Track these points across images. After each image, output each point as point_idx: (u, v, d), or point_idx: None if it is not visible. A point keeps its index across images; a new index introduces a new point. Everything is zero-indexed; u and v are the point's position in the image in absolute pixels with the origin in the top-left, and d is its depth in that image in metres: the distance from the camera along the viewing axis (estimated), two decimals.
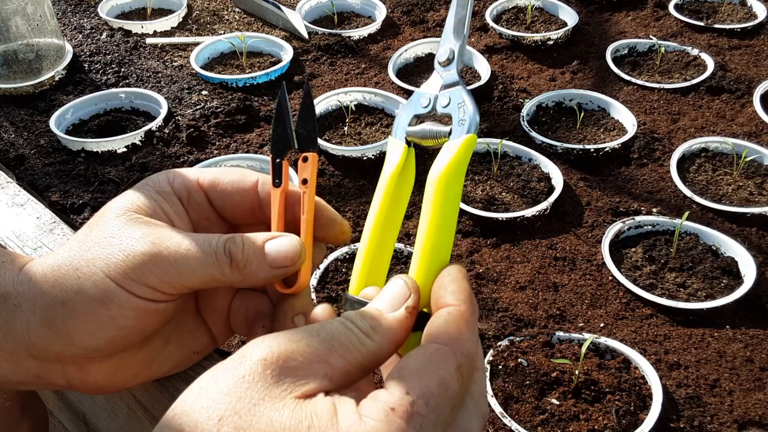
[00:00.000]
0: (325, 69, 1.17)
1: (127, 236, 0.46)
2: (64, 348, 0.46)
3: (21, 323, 0.46)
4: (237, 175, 0.50)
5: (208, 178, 0.50)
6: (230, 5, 1.38)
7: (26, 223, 0.83)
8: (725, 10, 1.27)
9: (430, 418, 0.38)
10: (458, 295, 0.43)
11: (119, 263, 0.45)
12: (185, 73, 1.16)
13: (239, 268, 0.47)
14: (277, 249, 0.48)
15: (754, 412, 0.65)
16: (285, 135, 0.51)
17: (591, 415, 0.63)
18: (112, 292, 0.45)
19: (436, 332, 0.42)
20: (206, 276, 0.46)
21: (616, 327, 0.74)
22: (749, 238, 0.84)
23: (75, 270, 0.46)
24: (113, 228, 0.47)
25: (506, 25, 1.26)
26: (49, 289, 0.46)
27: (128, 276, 0.45)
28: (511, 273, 0.80)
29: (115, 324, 0.45)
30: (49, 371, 0.48)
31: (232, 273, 0.47)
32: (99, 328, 0.45)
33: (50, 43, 1.11)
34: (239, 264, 0.47)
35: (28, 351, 0.46)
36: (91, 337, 0.45)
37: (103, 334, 0.45)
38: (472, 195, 0.89)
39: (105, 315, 0.44)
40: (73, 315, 0.45)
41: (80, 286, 0.45)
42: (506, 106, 1.08)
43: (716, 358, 0.70)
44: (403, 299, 0.43)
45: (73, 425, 1.03)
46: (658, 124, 1.03)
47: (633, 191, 0.92)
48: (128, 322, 0.45)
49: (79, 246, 0.47)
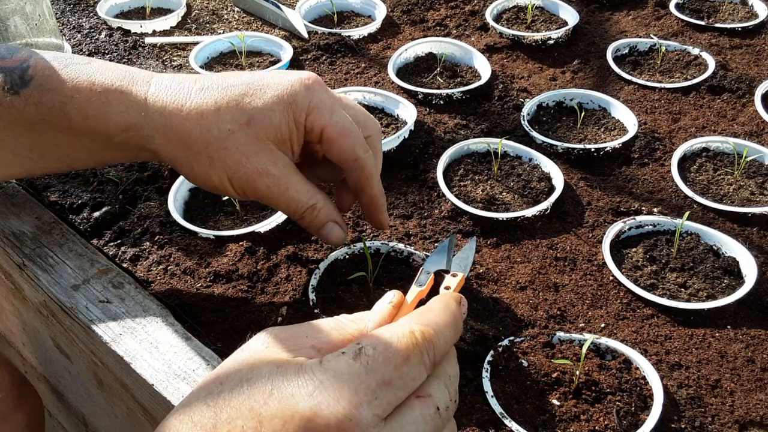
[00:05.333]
0: (324, 68, 1.17)
1: (258, 160, 0.66)
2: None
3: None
4: (351, 141, 0.68)
5: (330, 134, 0.67)
6: (229, 4, 1.38)
7: (25, 223, 0.82)
8: (726, 10, 1.27)
9: (378, 359, 0.46)
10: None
11: (242, 176, 0.66)
12: (185, 72, 1.15)
13: (302, 223, 0.71)
14: (327, 233, 0.71)
15: (755, 413, 0.65)
16: (441, 259, 0.67)
17: (592, 415, 0.63)
18: (225, 188, 0.68)
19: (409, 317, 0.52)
20: (286, 211, 0.70)
21: (617, 327, 0.73)
22: (750, 238, 0.84)
23: (209, 156, 0.66)
24: (251, 147, 0.66)
25: (506, 24, 1.26)
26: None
27: (242, 186, 0.67)
28: (511, 273, 0.79)
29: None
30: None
31: (296, 219, 0.71)
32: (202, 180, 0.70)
33: (49, 43, 1.11)
34: (303, 223, 0.71)
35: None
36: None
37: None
38: (473, 195, 0.89)
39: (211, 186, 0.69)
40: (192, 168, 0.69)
41: (209, 169, 0.67)
42: (506, 105, 1.08)
43: (717, 358, 0.70)
44: (388, 301, 0.56)
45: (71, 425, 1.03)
46: (658, 124, 1.03)
47: (634, 191, 0.92)
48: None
49: (223, 144, 0.66)
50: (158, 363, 0.67)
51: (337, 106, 0.68)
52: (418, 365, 0.47)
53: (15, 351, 1.06)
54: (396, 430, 0.45)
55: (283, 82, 0.67)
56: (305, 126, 0.67)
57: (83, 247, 0.80)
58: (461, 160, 0.95)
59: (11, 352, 1.08)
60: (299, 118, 0.66)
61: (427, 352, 0.48)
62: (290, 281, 0.77)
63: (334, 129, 0.67)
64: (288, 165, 0.68)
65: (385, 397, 0.45)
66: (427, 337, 0.48)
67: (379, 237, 0.83)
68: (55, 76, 0.68)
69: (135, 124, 0.67)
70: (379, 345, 0.47)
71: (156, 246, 0.82)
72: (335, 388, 0.44)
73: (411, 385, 0.47)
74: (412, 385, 0.47)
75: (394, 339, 0.47)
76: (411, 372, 0.47)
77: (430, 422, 0.47)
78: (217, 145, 0.65)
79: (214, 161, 0.66)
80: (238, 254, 0.80)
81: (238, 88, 0.67)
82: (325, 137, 0.67)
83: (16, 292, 0.85)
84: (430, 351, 0.48)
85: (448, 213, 0.87)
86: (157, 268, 0.79)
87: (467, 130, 1.02)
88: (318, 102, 0.66)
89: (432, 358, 0.48)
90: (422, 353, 0.48)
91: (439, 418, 0.47)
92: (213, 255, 0.80)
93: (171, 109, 0.67)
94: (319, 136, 0.68)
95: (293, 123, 0.66)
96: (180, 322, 0.72)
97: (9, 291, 0.87)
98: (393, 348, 0.47)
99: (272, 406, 0.44)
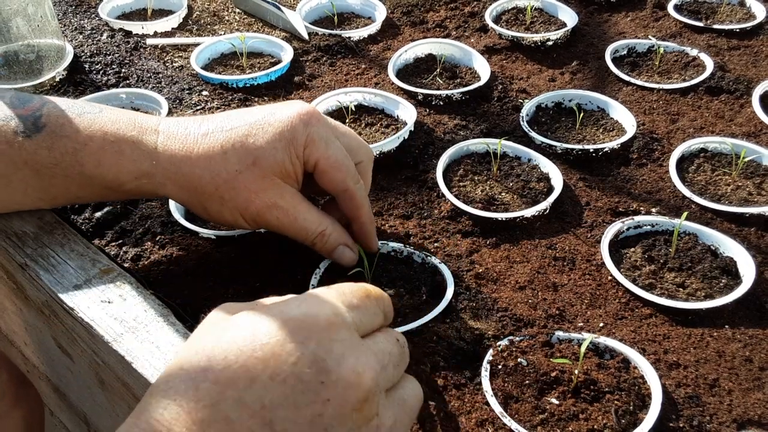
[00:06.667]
0: (325, 69, 1.18)
1: (267, 195, 0.71)
2: None
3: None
4: (341, 174, 0.72)
5: (323, 166, 0.72)
6: (230, 6, 1.38)
7: (27, 223, 0.83)
8: (724, 11, 1.28)
9: (345, 290, 0.55)
10: None
11: (253, 211, 0.71)
12: (185, 73, 1.16)
13: (314, 249, 0.75)
14: (339, 257, 0.76)
15: (753, 412, 0.65)
16: None
17: (590, 414, 0.63)
18: (239, 224, 0.74)
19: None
20: (297, 238, 0.74)
21: (616, 327, 0.74)
22: (748, 238, 0.84)
23: (220, 197, 0.71)
24: (259, 185, 0.71)
25: (506, 25, 1.26)
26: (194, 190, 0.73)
27: (254, 220, 0.72)
28: (510, 273, 0.80)
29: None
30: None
31: (308, 245, 0.75)
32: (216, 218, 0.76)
33: (51, 44, 1.11)
34: (315, 248, 0.75)
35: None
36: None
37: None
38: (472, 195, 0.89)
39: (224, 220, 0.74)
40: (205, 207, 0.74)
41: (221, 208, 0.72)
42: (506, 106, 1.08)
43: (715, 357, 0.71)
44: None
45: (73, 425, 1.04)
46: (657, 125, 1.03)
47: (632, 191, 0.92)
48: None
49: (232, 184, 0.71)
50: (159, 362, 0.67)
51: (332, 138, 0.73)
52: (375, 306, 0.56)
53: (17, 350, 1.06)
54: (370, 345, 0.53)
55: (283, 119, 0.71)
56: (303, 158, 0.72)
57: (85, 247, 0.80)
58: (461, 161, 0.96)
59: (13, 352, 1.08)
60: (299, 152, 0.71)
61: (377, 301, 0.57)
62: (290, 281, 0.77)
63: (327, 162, 0.71)
64: (295, 196, 0.72)
65: (357, 316, 0.54)
66: (377, 293, 0.57)
67: (378, 237, 0.83)
68: (68, 124, 0.72)
69: (147, 173, 0.72)
70: (344, 285, 0.57)
71: (157, 246, 0.82)
72: (318, 301, 0.52)
73: (374, 319, 0.56)
74: (375, 320, 0.56)
75: (354, 286, 0.57)
76: (371, 306, 0.56)
77: (395, 347, 0.56)
78: (227, 186, 0.70)
79: (226, 201, 0.71)
80: (238, 254, 0.80)
81: (242, 129, 0.71)
82: (318, 169, 0.72)
83: (18, 292, 0.85)
84: (380, 302, 0.57)
85: (447, 213, 0.88)
86: (158, 268, 0.80)
87: (467, 130, 1.02)
88: (315, 136, 0.71)
89: (383, 308, 0.57)
90: (376, 299, 0.57)
91: (401, 347, 0.57)
92: (214, 255, 0.81)
93: (180, 156, 0.71)
94: (314, 167, 0.72)
95: (295, 158, 0.71)
96: (181, 322, 0.72)
97: (11, 291, 0.88)
98: (355, 287, 0.56)
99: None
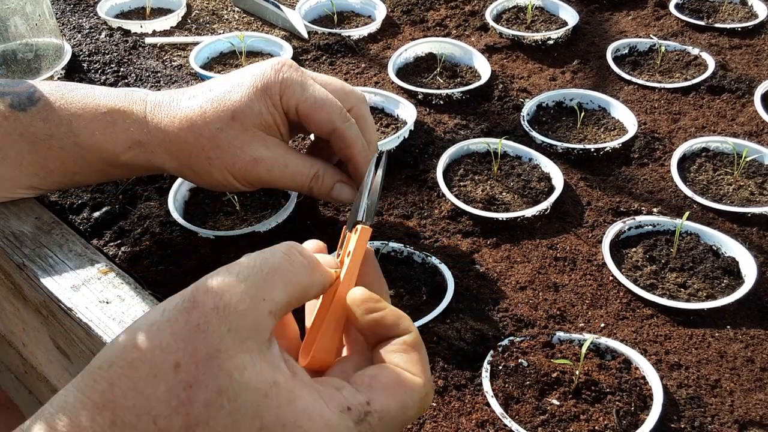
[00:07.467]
0: (324, 68, 1.17)
1: (251, 149, 0.70)
2: None
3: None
4: (326, 112, 0.70)
5: (304, 109, 0.70)
6: (229, 4, 1.38)
7: (25, 223, 0.82)
8: (726, 10, 1.27)
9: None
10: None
11: (241, 168, 0.71)
12: (184, 72, 1.15)
13: (312, 194, 0.75)
14: (338, 195, 0.74)
15: (755, 413, 0.65)
16: (357, 206, 0.55)
17: (591, 415, 0.63)
18: (232, 184, 0.73)
19: (414, 360, 0.46)
20: (293, 187, 0.74)
21: (617, 327, 0.73)
22: (750, 238, 0.84)
23: (207, 157, 0.71)
24: (241, 139, 0.70)
25: (506, 24, 1.26)
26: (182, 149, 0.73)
27: (245, 177, 0.72)
28: (511, 273, 0.79)
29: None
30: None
31: (306, 192, 0.74)
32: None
33: (49, 43, 1.11)
34: (313, 193, 0.74)
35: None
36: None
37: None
38: (473, 195, 0.89)
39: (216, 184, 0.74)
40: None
41: (210, 169, 0.72)
42: (506, 105, 1.08)
43: (717, 358, 0.70)
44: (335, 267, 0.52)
45: None
46: (658, 124, 1.03)
47: (633, 191, 0.92)
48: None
49: (215, 142, 0.70)
50: None
51: (309, 82, 0.72)
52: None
53: (15, 351, 1.06)
54: None
55: (256, 72, 0.72)
56: (282, 107, 0.71)
57: (83, 247, 0.80)
58: (461, 160, 0.95)
59: (11, 353, 1.08)
60: (275, 101, 0.70)
61: None
62: None
63: (306, 104, 0.70)
64: (280, 145, 0.72)
65: None
66: (424, 405, 0.47)
67: (378, 237, 0.83)
68: (61, 98, 0.73)
69: (139, 141, 0.73)
70: (385, 416, 0.43)
71: (156, 246, 0.82)
72: None
73: None
74: None
75: (401, 412, 0.44)
76: None
77: None
78: (211, 144, 0.70)
79: (213, 160, 0.71)
80: (238, 254, 0.80)
81: (220, 89, 0.72)
82: (300, 113, 0.71)
83: (15, 293, 0.85)
84: None
85: (448, 213, 0.87)
86: (156, 268, 0.79)
87: (467, 130, 1.02)
88: (288, 81, 0.70)
89: None
90: None
91: None
92: (213, 255, 0.81)
93: (166, 122, 0.72)
94: (296, 113, 0.71)
95: (272, 107, 0.71)
96: None
97: (9, 291, 0.87)
98: (396, 423, 0.44)
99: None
